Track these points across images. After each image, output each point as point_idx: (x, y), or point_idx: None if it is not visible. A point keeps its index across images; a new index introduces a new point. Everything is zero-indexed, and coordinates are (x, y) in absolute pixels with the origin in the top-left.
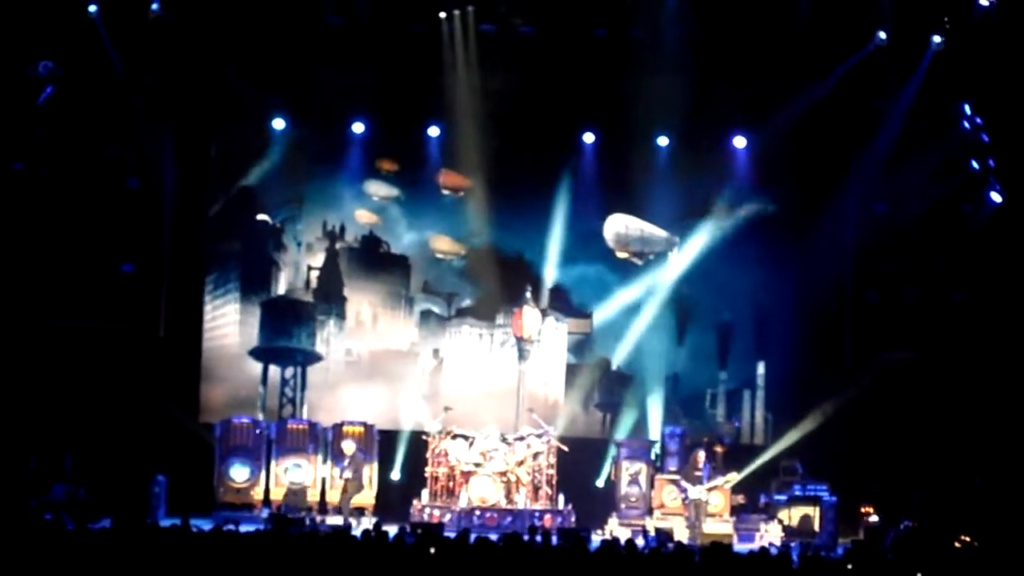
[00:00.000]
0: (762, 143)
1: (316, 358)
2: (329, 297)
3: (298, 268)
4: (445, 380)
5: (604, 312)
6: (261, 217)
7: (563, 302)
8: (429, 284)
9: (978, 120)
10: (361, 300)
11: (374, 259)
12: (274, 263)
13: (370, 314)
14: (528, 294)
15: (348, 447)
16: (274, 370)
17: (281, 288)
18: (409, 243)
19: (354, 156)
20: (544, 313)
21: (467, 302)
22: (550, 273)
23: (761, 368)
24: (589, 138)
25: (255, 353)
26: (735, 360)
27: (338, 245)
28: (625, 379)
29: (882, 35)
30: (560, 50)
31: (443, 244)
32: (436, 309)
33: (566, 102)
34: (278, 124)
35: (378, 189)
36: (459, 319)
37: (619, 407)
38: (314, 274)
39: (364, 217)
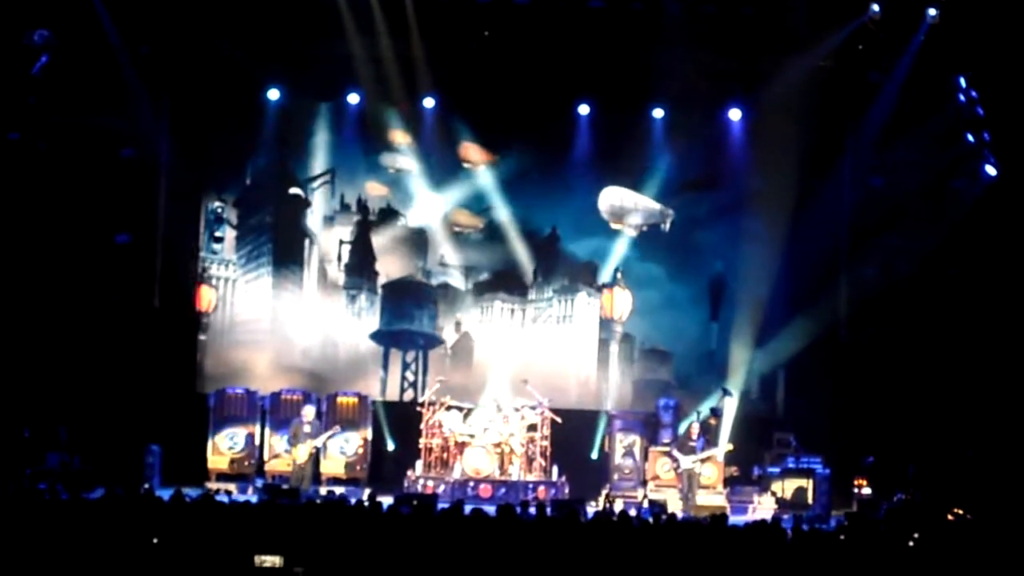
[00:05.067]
0: (757, 116)
1: (437, 341)
2: (361, 271)
3: (317, 241)
4: (479, 356)
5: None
6: (293, 191)
7: (592, 277)
8: (446, 257)
9: (973, 93)
10: (380, 273)
11: (392, 232)
12: (307, 236)
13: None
14: (619, 275)
15: (308, 412)
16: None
17: (314, 261)
18: (425, 216)
19: (359, 128)
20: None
21: (485, 275)
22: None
23: None
24: (584, 110)
25: (376, 336)
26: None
27: (359, 219)
28: (662, 355)
29: (875, 7)
30: (556, 21)
31: (461, 217)
32: (453, 283)
33: (562, 73)
34: (273, 95)
35: (393, 161)
36: (491, 294)
37: (656, 383)
38: (345, 248)
39: (375, 189)
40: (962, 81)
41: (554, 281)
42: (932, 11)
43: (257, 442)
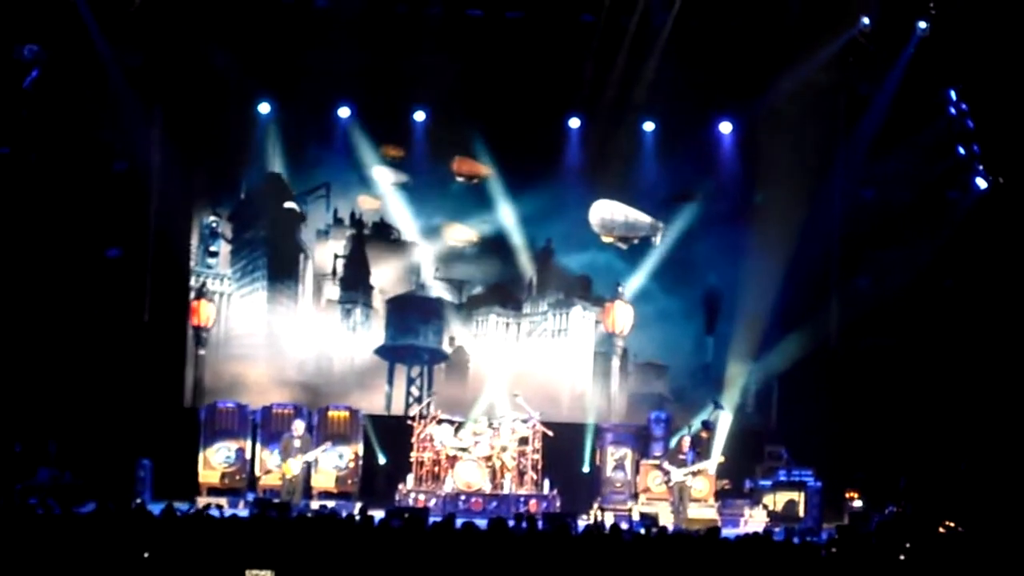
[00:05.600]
0: (748, 129)
1: (442, 356)
2: (356, 285)
3: (311, 255)
4: (473, 369)
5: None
6: (288, 205)
7: (587, 291)
8: (440, 271)
9: (964, 106)
10: (375, 287)
11: (385, 246)
12: (302, 250)
13: (381, 301)
14: (620, 288)
15: (298, 427)
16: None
17: (309, 275)
18: (418, 230)
19: (351, 141)
20: (570, 302)
21: (478, 289)
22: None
23: None
24: (574, 123)
25: (381, 351)
26: (762, 349)
27: (350, 233)
28: (657, 369)
29: (866, 20)
30: (546, 35)
31: (454, 231)
32: (447, 296)
33: (552, 87)
34: (264, 108)
35: (385, 175)
36: (486, 308)
37: (653, 397)
38: (340, 262)
39: (367, 203)
40: (952, 94)
41: (549, 295)
42: (922, 24)
43: (248, 456)
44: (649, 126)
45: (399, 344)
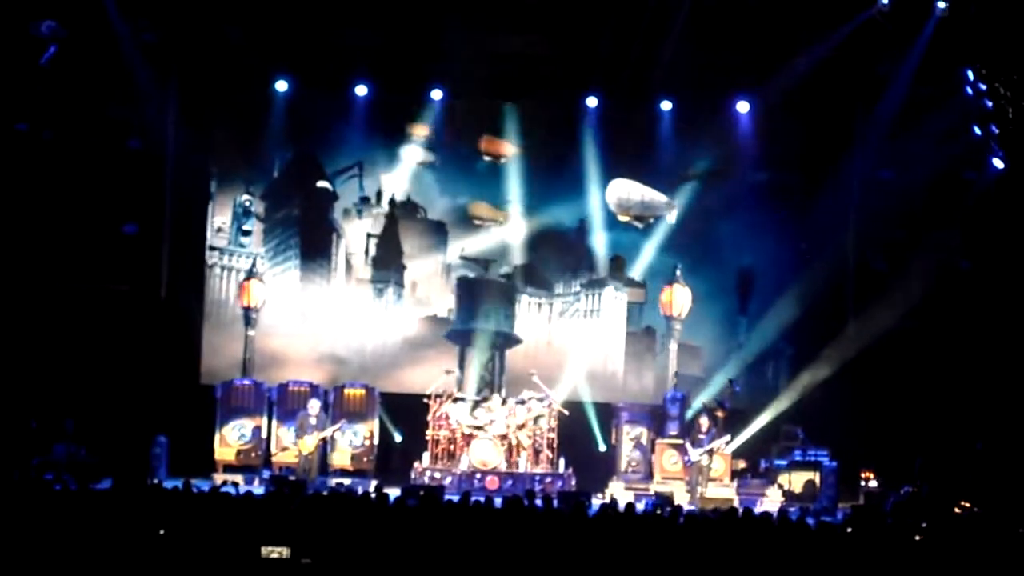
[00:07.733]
0: (766, 108)
1: (515, 341)
2: (388, 264)
3: (341, 235)
4: (513, 351)
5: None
6: (320, 184)
7: (620, 271)
8: (466, 251)
9: (981, 86)
10: (407, 267)
11: (411, 225)
12: (334, 230)
13: (409, 281)
14: (677, 271)
15: (314, 405)
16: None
17: (341, 255)
18: (444, 209)
19: (372, 120)
20: (603, 282)
21: (504, 269)
22: (599, 241)
23: None
24: (592, 102)
25: (452, 335)
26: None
27: (378, 212)
28: (692, 350)
29: (884, 0)
30: (564, 14)
31: (482, 210)
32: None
33: (570, 66)
34: (281, 86)
35: (413, 154)
36: (518, 288)
37: (688, 378)
38: (372, 241)
39: (392, 182)
40: (970, 74)
41: (580, 275)
42: (941, 4)
43: (264, 434)
44: (667, 105)
45: (469, 328)
